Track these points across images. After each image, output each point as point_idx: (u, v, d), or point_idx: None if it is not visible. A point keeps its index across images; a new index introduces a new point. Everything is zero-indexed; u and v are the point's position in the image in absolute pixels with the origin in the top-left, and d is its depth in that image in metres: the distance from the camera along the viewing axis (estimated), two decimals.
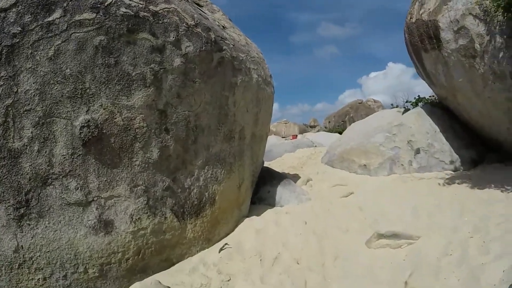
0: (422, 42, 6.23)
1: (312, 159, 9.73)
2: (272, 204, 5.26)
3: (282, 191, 5.34)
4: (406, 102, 13.14)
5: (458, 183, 5.05)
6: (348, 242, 3.69)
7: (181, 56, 3.77)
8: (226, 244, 4.12)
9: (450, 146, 6.11)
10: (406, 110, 8.38)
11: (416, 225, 3.71)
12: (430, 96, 11.19)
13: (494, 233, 3.15)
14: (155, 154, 3.59)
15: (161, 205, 3.64)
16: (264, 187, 5.47)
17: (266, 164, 10.74)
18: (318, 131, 26.55)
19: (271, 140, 25.19)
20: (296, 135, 23.09)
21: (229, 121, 4.47)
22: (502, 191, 4.36)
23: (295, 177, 7.19)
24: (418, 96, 11.01)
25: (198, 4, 4.78)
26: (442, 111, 6.87)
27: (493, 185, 4.65)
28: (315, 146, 13.08)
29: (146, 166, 3.53)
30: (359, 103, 28.89)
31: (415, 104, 10.80)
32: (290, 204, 5.11)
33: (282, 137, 25.80)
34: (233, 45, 4.63)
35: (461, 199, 4.32)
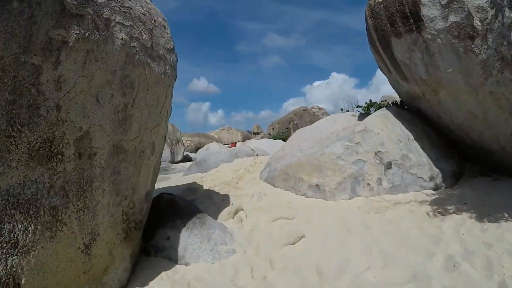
0: (393, 25, 4.71)
1: (250, 172, 7.75)
2: (173, 259, 3.08)
3: (189, 238, 3.16)
4: (357, 107, 11.94)
5: (454, 212, 3.41)
6: None
7: None
8: None
9: (428, 158, 4.55)
10: (363, 114, 6.84)
11: None
12: (382, 101, 10.11)
13: None
14: None
15: None
16: (162, 230, 3.27)
17: (200, 176, 8.38)
18: (261, 137, 25.22)
19: (212, 147, 23.14)
20: (235, 143, 21.27)
21: (44, 120, 2.14)
22: None
23: (223, 202, 5.12)
24: (370, 100, 9.98)
25: None
26: (410, 113, 5.38)
27: (506, 215, 3.14)
28: (256, 154, 11.31)
29: None
30: (303, 110, 27.99)
31: (367, 109, 9.59)
32: (201, 262, 2.96)
33: (225, 144, 24.65)
34: None
35: (477, 245, 2.60)
